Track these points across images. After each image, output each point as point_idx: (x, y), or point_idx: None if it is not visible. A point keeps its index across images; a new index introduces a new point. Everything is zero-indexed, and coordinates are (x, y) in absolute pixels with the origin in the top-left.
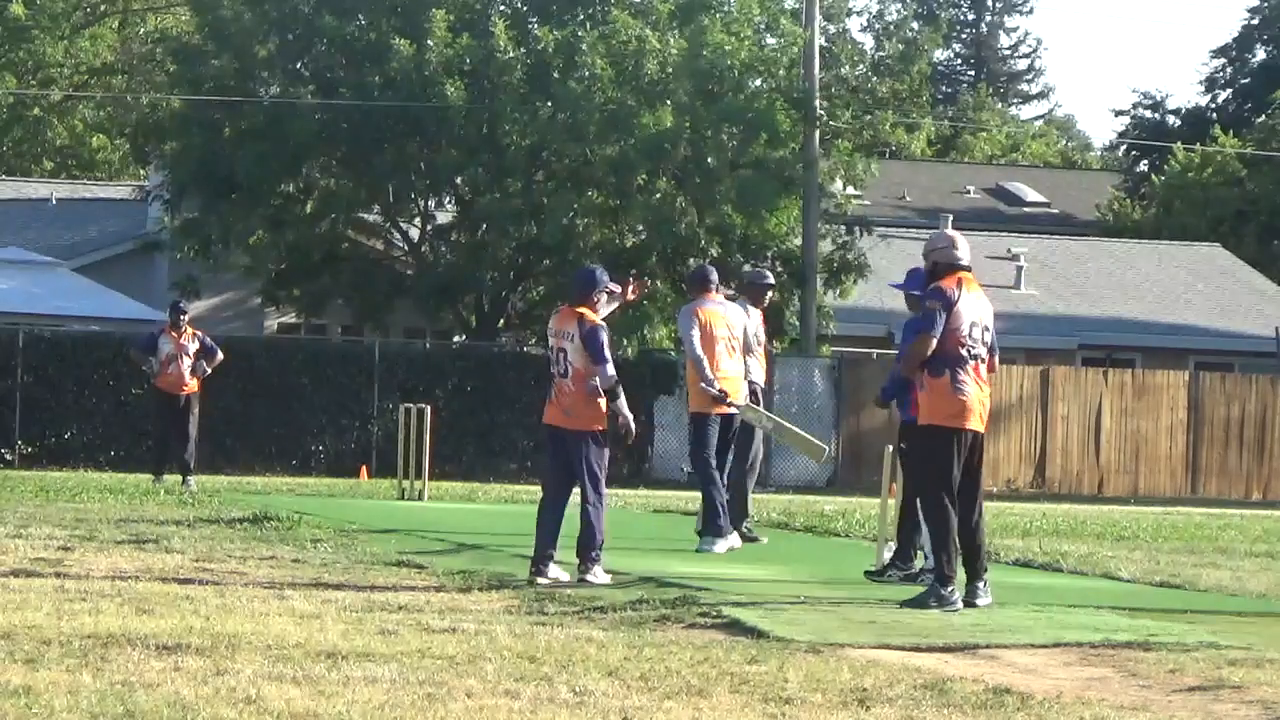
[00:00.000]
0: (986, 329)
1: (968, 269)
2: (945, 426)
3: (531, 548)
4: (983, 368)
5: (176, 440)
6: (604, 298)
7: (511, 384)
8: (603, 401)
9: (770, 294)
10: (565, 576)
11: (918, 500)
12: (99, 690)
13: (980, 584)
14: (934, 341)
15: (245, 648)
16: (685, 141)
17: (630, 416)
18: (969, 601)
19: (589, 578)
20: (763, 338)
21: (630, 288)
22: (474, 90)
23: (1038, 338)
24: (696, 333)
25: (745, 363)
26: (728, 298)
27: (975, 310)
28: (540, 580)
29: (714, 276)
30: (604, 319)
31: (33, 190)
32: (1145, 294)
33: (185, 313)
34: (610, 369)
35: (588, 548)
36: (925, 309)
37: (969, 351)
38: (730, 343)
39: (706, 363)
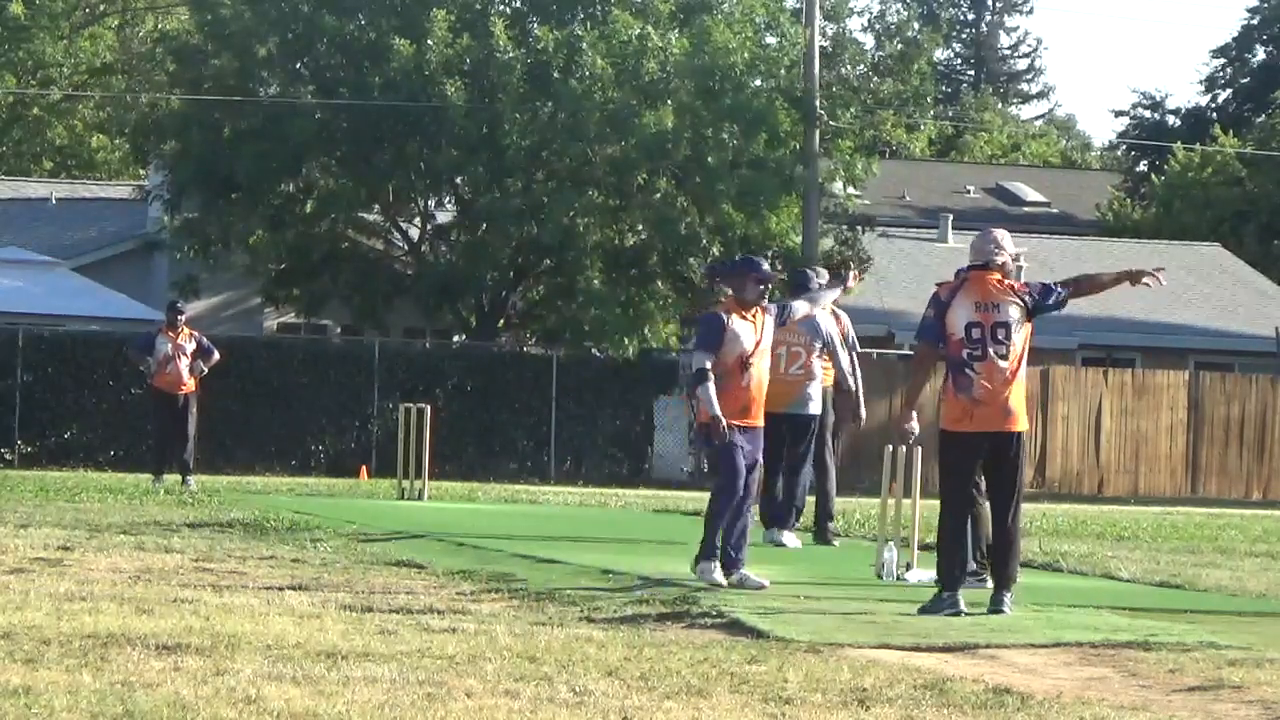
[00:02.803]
0: (1000, 325)
1: (980, 268)
2: (951, 431)
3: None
4: (998, 366)
5: (176, 440)
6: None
7: (511, 384)
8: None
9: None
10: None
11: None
12: (99, 690)
13: (1006, 593)
14: (927, 347)
15: (245, 648)
16: (686, 141)
17: (707, 413)
18: (995, 609)
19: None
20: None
21: (851, 276)
22: (474, 90)
23: (1037, 337)
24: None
25: (816, 365)
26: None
27: (976, 310)
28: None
29: (808, 282)
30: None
31: (33, 190)
32: (1145, 294)
33: (182, 313)
34: (698, 357)
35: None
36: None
37: (970, 354)
38: (778, 348)
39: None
